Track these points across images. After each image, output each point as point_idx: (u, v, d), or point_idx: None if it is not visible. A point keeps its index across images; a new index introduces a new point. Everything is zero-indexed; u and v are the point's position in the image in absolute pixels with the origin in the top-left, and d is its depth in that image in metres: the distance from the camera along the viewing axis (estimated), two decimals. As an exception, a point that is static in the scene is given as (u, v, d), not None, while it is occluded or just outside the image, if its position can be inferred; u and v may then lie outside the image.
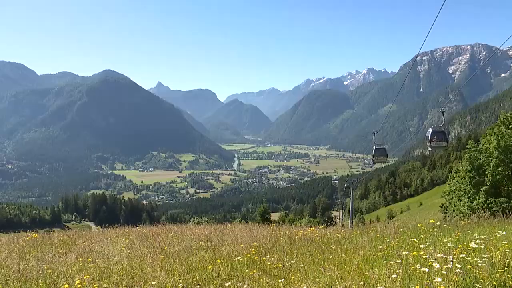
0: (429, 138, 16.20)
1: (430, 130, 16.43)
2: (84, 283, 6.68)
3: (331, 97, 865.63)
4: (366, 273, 6.33)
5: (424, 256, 6.61)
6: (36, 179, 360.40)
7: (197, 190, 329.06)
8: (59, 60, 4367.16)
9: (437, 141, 15.97)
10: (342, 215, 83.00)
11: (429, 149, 16.91)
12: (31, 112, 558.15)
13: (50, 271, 7.97)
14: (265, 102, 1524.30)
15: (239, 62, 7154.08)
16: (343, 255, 8.60)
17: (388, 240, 9.69)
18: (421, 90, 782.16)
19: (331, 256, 8.66)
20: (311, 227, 18.10)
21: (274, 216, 79.06)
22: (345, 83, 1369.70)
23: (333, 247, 9.96)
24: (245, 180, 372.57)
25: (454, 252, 6.84)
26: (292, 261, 8.08)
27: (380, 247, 8.77)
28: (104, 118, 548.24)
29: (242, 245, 10.23)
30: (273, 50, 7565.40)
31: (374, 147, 26.15)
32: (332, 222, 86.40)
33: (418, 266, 5.96)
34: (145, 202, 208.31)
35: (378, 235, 11.03)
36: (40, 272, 7.91)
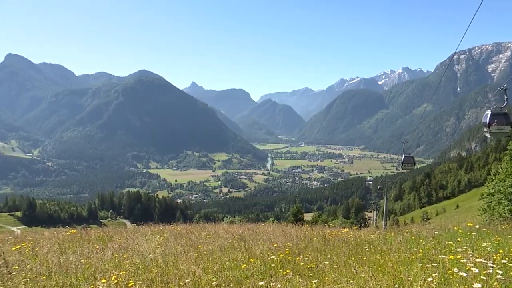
0: (487, 122, 13.46)
1: (489, 112, 13.32)
2: (120, 279, 6.80)
3: (365, 97, 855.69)
4: (401, 276, 6.23)
5: (461, 260, 6.43)
6: (74, 177, 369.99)
7: (231, 190, 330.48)
8: (96, 61, 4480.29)
9: (498, 125, 13.39)
10: (376, 216, 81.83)
11: (488, 135, 14.08)
12: (69, 112, 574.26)
13: (88, 266, 8.17)
14: (298, 102, 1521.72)
15: (273, 62, 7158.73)
16: (378, 256, 8.48)
17: (423, 243, 9.51)
18: (458, 89, 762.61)
19: (365, 258, 8.56)
20: (344, 228, 17.96)
21: (307, 216, 78.81)
22: (380, 82, 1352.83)
23: (367, 249, 9.84)
24: (278, 180, 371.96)
25: (495, 257, 6.59)
26: (325, 262, 8.02)
27: (415, 249, 8.61)
28: (139, 118, 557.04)
29: (275, 245, 10.22)
30: (307, 50, 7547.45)
31: (403, 156, 28.62)
32: (365, 223, 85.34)
33: (455, 270, 5.78)
34: (179, 200, 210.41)
35: (413, 237, 10.83)
36: (79, 266, 8.13)
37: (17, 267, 7.99)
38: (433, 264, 6.35)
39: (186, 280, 6.67)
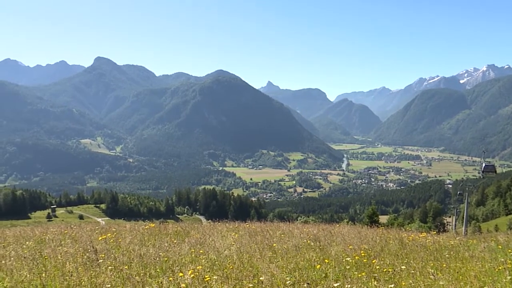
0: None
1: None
2: (196, 273, 7.03)
3: (445, 96, 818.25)
4: (485, 287, 5.94)
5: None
6: (153, 173, 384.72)
7: (305, 189, 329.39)
8: (175, 62, 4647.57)
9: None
10: (456, 222, 78.35)
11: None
12: (149, 111, 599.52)
13: (166, 259, 8.55)
14: (375, 101, 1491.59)
15: (349, 61, 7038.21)
16: (458, 264, 8.16)
17: None
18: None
19: (444, 264, 8.26)
20: (422, 232, 17.39)
21: (383, 218, 76.96)
22: (461, 81, 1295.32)
23: (447, 255, 9.48)
24: (353, 181, 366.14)
25: None
26: (402, 267, 7.83)
27: (503, 259, 8.15)
28: (216, 117, 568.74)
29: (350, 247, 10.10)
30: (385, 49, 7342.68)
31: (483, 164, 29.54)
32: (444, 228, 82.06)
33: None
34: (253, 199, 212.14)
35: (499, 246, 10.26)
36: (158, 259, 8.52)
37: (103, 255, 8.64)
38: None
39: (261, 278, 6.76)
